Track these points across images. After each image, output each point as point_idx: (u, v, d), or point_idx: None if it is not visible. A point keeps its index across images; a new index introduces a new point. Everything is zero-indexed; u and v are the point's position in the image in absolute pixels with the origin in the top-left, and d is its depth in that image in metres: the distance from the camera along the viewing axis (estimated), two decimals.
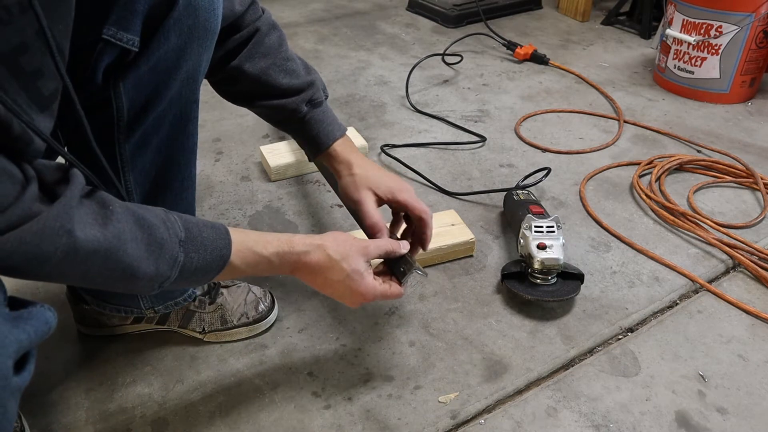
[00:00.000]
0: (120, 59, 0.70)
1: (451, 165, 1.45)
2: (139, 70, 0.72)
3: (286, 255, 0.76)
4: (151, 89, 0.75)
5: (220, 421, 0.88)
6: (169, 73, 0.74)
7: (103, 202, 0.61)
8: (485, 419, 0.89)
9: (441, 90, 1.79)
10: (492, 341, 1.01)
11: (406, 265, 0.87)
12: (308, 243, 0.78)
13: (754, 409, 0.91)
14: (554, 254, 1.04)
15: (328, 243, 0.79)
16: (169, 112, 0.79)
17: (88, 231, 0.57)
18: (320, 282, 0.80)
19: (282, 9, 2.33)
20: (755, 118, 1.66)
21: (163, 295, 0.94)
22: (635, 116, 1.66)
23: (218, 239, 0.70)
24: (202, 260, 0.69)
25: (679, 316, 1.07)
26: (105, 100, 0.73)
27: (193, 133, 0.85)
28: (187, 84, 0.78)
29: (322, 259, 0.78)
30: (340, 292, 0.81)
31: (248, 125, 1.59)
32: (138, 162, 0.80)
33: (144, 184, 0.83)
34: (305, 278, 0.80)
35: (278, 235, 0.77)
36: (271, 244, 0.75)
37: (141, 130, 0.77)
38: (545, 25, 2.25)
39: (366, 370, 0.96)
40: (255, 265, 0.74)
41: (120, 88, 0.72)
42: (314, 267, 0.78)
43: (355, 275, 0.79)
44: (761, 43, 1.64)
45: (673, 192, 1.36)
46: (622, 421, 0.89)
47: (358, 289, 0.80)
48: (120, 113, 0.74)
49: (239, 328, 0.99)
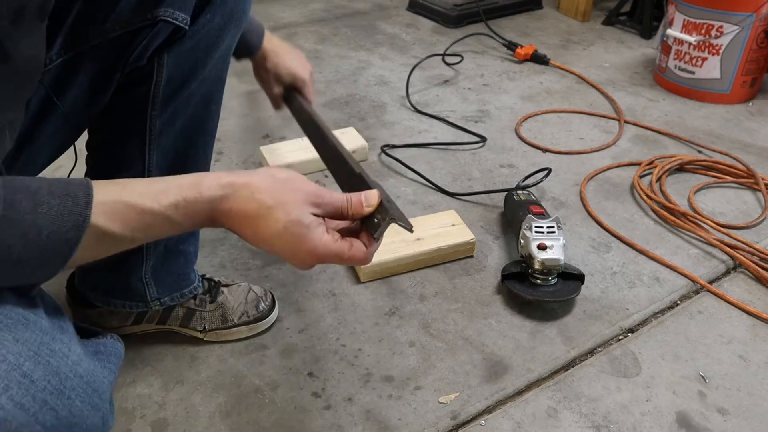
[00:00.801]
0: (169, 37, 0.72)
1: (452, 165, 1.45)
2: (183, 47, 0.74)
3: (191, 205, 0.57)
4: (190, 66, 0.76)
5: (220, 421, 0.88)
6: (207, 52, 0.76)
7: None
8: (486, 420, 0.89)
9: (441, 90, 1.78)
10: (492, 342, 1.01)
11: (382, 213, 0.64)
12: (225, 183, 0.58)
13: (754, 410, 0.91)
14: (555, 255, 1.04)
15: (256, 182, 0.59)
16: (198, 91, 0.80)
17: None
18: (250, 236, 0.60)
19: (282, 9, 2.33)
20: (756, 119, 1.66)
21: (168, 286, 0.95)
22: (636, 116, 1.66)
23: (69, 202, 0.51)
24: (35, 236, 0.49)
25: (680, 317, 1.07)
26: (145, 75, 0.75)
27: (215, 116, 0.85)
28: (220, 63, 0.80)
29: (246, 205, 0.59)
30: (280, 248, 0.60)
31: (248, 125, 1.59)
32: (163, 140, 0.81)
33: (163, 165, 0.83)
34: (234, 231, 0.61)
35: (181, 179, 0.58)
36: (168, 193, 0.56)
37: (173, 106, 0.79)
38: (546, 25, 2.25)
39: (366, 370, 0.96)
40: (145, 226, 0.56)
41: (163, 64, 0.74)
42: (237, 217, 0.59)
43: (295, 227, 0.59)
44: (762, 43, 1.64)
45: (673, 192, 1.36)
46: (623, 422, 0.89)
47: (303, 246, 0.60)
48: (157, 89, 0.76)
49: (240, 326, 0.99)
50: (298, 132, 1.56)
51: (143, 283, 0.92)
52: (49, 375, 0.47)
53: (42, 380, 0.46)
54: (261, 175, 0.60)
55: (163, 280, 0.94)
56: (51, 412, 0.46)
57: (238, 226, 0.60)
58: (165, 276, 0.94)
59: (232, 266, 1.15)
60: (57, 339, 0.50)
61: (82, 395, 0.48)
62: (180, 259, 0.94)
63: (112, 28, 0.69)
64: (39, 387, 0.45)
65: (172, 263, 0.94)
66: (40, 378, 0.46)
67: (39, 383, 0.46)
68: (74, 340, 0.53)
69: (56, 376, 0.47)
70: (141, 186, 0.56)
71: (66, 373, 0.48)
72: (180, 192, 0.57)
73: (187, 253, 0.95)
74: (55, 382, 0.47)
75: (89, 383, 0.49)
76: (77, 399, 0.48)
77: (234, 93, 1.73)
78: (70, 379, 0.48)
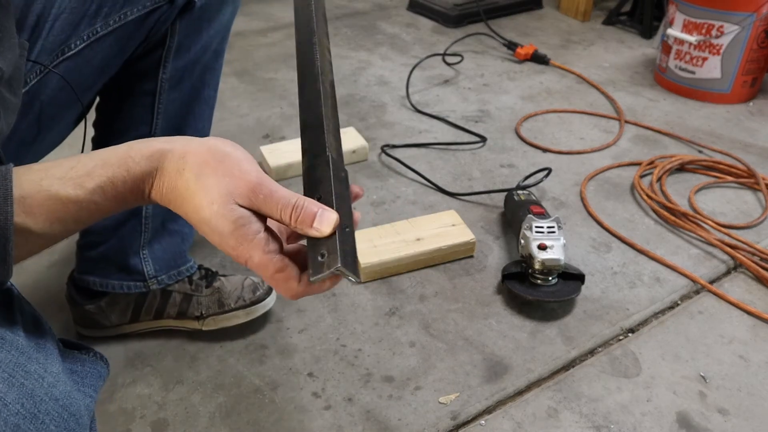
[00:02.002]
0: (181, 9, 0.82)
1: (452, 165, 1.45)
2: (192, 17, 0.83)
3: (119, 186, 0.49)
4: (195, 34, 0.86)
5: (220, 421, 0.88)
6: (210, 21, 0.86)
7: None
8: (486, 420, 0.89)
9: (441, 90, 1.78)
10: (492, 342, 1.01)
11: (330, 250, 0.49)
12: (153, 152, 0.50)
13: (755, 410, 0.91)
14: (555, 255, 1.04)
15: (191, 152, 0.50)
16: (202, 58, 0.88)
17: None
18: (185, 217, 0.52)
19: (282, 9, 2.33)
20: (756, 118, 1.66)
21: (165, 263, 0.98)
22: (636, 116, 1.66)
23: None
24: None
25: (680, 317, 1.07)
26: (157, 42, 0.84)
27: (212, 85, 0.92)
28: (219, 36, 0.89)
29: (176, 180, 0.50)
30: (211, 238, 0.51)
31: (248, 125, 1.59)
32: (169, 104, 0.88)
33: (165, 129, 0.90)
34: (173, 210, 0.52)
35: (109, 153, 0.50)
36: (93, 175, 0.49)
37: (180, 71, 0.87)
38: (546, 25, 2.25)
39: (366, 370, 0.96)
40: (72, 217, 0.49)
41: (176, 31, 0.83)
42: (167, 194, 0.50)
43: (214, 222, 0.49)
44: (762, 43, 1.64)
45: (674, 192, 1.36)
46: (623, 422, 0.89)
47: (228, 242, 0.50)
48: (168, 53, 0.85)
49: (236, 311, 1.00)
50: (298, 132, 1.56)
51: (141, 259, 0.95)
52: (23, 398, 0.44)
53: (15, 403, 0.44)
54: (198, 145, 0.51)
55: (160, 258, 0.97)
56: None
57: (172, 205, 0.51)
58: (162, 253, 0.97)
59: (232, 266, 1.15)
60: (33, 359, 0.47)
61: (57, 419, 0.46)
62: (176, 238, 0.98)
63: (143, 5, 0.78)
64: (12, 411, 0.43)
65: (168, 241, 0.97)
66: (13, 401, 0.43)
67: (12, 407, 0.43)
68: (51, 358, 0.50)
69: (30, 399, 0.44)
70: (62, 169, 0.48)
71: (41, 396, 0.45)
72: (105, 172, 0.49)
73: (183, 233, 0.99)
74: (29, 405, 0.44)
75: (65, 407, 0.47)
76: (51, 423, 0.45)
77: (234, 93, 1.73)
78: (45, 402, 0.45)
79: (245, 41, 2.05)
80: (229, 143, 0.52)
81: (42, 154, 0.82)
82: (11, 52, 0.53)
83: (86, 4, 0.74)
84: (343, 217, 0.50)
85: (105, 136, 0.92)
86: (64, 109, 0.79)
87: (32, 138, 0.77)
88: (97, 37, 0.76)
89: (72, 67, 0.75)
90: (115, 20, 0.77)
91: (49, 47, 0.73)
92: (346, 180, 0.54)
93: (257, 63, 1.91)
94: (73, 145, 0.84)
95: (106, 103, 0.90)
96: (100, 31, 0.76)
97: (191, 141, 0.51)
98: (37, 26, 0.71)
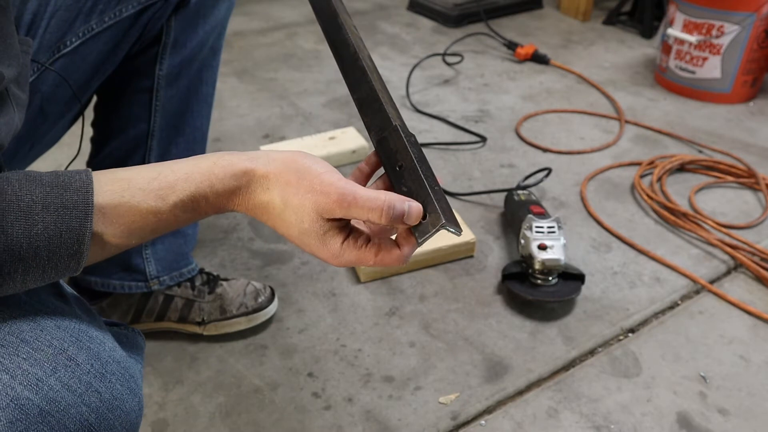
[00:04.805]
0: (176, 5, 0.83)
1: (452, 165, 1.45)
2: (187, 13, 0.84)
3: (201, 200, 0.50)
4: (191, 30, 0.86)
5: (220, 421, 0.88)
6: (205, 18, 0.87)
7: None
8: (486, 420, 0.89)
9: (441, 90, 1.78)
10: (493, 342, 1.01)
11: (428, 209, 0.54)
12: (239, 173, 0.51)
13: (755, 410, 0.91)
14: (555, 255, 1.04)
15: (272, 175, 0.51)
16: (198, 55, 0.89)
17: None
18: (273, 227, 0.54)
19: (282, 9, 2.33)
20: (757, 118, 1.66)
21: (168, 264, 0.98)
22: (636, 116, 1.66)
23: (66, 216, 0.46)
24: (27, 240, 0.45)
25: (681, 317, 1.07)
26: (153, 39, 0.84)
27: (209, 82, 0.93)
28: (215, 33, 0.90)
29: (262, 197, 0.51)
30: (303, 247, 0.54)
31: (248, 125, 1.59)
32: (167, 102, 0.89)
33: (164, 127, 0.90)
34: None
35: (191, 168, 0.51)
36: (176, 189, 0.49)
37: (177, 68, 0.88)
38: (546, 24, 2.25)
39: (366, 370, 0.96)
40: (151, 229, 0.50)
41: (171, 27, 0.84)
42: (253, 209, 0.53)
43: (306, 237, 0.52)
44: (763, 42, 1.64)
45: (674, 192, 1.36)
46: (623, 422, 0.89)
47: (321, 253, 0.53)
48: (165, 50, 0.85)
49: (238, 317, 0.99)
50: (299, 132, 1.57)
51: (143, 259, 0.95)
52: (92, 359, 0.48)
53: (86, 363, 0.47)
54: (279, 164, 0.51)
55: (162, 258, 0.97)
56: (95, 394, 0.47)
57: (259, 218, 0.53)
58: (165, 254, 0.97)
59: (232, 266, 1.15)
60: (92, 326, 0.51)
61: (121, 379, 0.49)
62: (179, 239, 0.98)
63: (138, 2, 0.79)
64: (84, 370, 0.47)
65: (171, 242, 0.97)
66: (84, 361, 0.47)
67: (83, 366, 0.47)
68: (104, 328, 0.54)
69: (98, 360, 0.48)
70: (144, 180, 0.49)
71: (105, 357, 0.49)
72: (188, 186, 0.50)
73: (186, 234, 0.99)
74: (97, 365, 0.48)
75: (126, 369, 0.51)
76: (117, 383, 0.49)
77: (234, 93, 1.73)
78: (109, 364, 0.49)
79: (245, 41, 2.05)
80: (308, 157, 0.52)
81: (39, 153, 0.83)
82: (14, 54, 0.54)
83: (81, 1, 0.74)
84: (429, 178, 0.53)
85: (104, 135, 0.92)
86: (62, 107, 0.79)
87: (29, 136, 0.77)
88: (92, 34, 0.77)
89: (68, 64, 0.76)
90: (110, 17, 0.77)
91: (45, 45, 0.73)
92: (417, 144, 0.57)
93: (257, 63, 1.91)
94: (72, 144, 0.84)
95: (104, 102, 0.90)
96: (95, 28, 0.77)
97: (271, 160, 0.51)
98: (33, 24, 0.72)
